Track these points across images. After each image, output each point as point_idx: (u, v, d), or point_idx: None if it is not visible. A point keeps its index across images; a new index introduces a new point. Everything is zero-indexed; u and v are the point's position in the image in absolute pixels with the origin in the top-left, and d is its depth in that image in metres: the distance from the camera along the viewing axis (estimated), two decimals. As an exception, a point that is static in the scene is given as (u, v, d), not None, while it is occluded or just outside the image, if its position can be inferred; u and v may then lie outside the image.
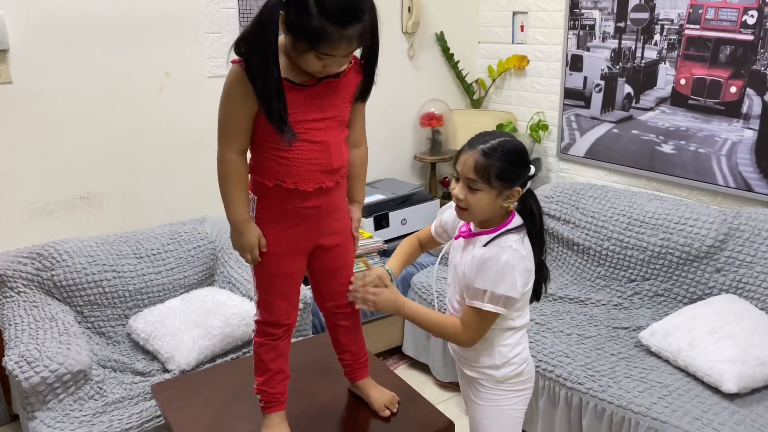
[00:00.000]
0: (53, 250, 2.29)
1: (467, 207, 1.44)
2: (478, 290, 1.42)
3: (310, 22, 1.23)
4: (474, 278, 1.43)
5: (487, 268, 1.41)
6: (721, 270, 2.36)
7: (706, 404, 1.89)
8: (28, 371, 1.87)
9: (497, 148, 1.39)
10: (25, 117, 2.37)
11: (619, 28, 2.85)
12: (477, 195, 1.41)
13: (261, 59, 1.28)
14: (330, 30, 1.24)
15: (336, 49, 1.27)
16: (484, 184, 1.40)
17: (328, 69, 1.33)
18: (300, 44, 1.27)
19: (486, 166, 1.38)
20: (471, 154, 1.40)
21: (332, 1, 1.23)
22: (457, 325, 1.50)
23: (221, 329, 2.16)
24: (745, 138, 2.51)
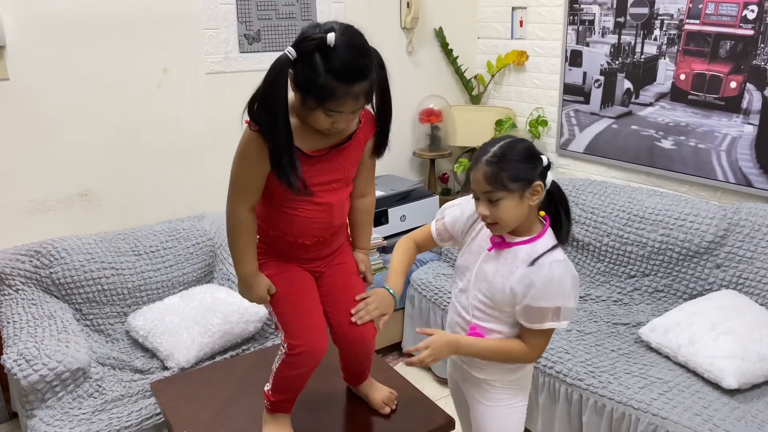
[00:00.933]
0: (51, 248, 2.28)
1: (495, 221, 1.40)
2: (543, 310, 1.40)
3: (317, 79, 1.25)
4: (531, 299, 1.39)
5: (555, 286, 1.38)
6: (721, 266, 2.35)
7: (706, 400, 1.89)
8: (26, 369, 1.86)
9: (500, 152, 1.37)
10: (22, 114, 2.36)
11: (619, 23, 2.84)
12: (500, 205, 1.38)
13: (271, 121, 1.30)
14: (336, 87, 1.26)
15: (342, 105, 1.29)
16: (501, 191, 1.37)
17: (336, 125, 1.34)
18: (308, 101, 1.30)
19: (495, 173, 1.36)
20: (478, 169, 1.38)
21: (338, 60, 1.25)
22: (522, 348, 1.47)
23: (220, 326, 2.16)
24: (745, 133, 2.50)
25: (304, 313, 1.49)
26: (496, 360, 1.51)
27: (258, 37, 2.81)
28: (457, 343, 1.50)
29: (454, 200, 1.64)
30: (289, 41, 2.88)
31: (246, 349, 2.22)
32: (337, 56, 1.25)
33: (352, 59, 1.27)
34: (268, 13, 2.81)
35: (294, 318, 1.48)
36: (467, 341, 1.50)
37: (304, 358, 1.48)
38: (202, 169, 2.79)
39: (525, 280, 1.40)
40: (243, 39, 2.78)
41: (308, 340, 1.47)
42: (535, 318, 1.42)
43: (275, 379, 1.53)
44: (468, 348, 1.50)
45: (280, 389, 1.54)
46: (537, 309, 1.40)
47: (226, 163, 1.66)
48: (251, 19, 2.78)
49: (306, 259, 1.52)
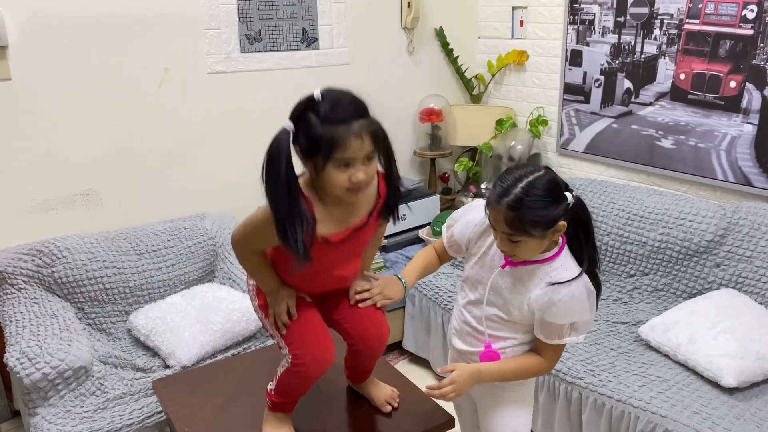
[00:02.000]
0: (53, 247, 2.29)
1: (516, 255, 1.39)
2: (561, 326, 1.41)
3: (316, 132, 1.26)
4: (550, 316, 1.40)
5: (568, 306, 1.39)
6: (720, 265, 2.36)
7: (705, 398, 1.90)
8: (29, 367, 1.87)
9: (522, 197, 1.31)
10: (24, 113, 2.37)
11: (619, 22, 2.85)
12: (520, 245, 1.36)
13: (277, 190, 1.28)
14: (335, 131, 1.26)
15: (349, 148, 1.27)
16: (522, 236, 1.34)
17: (355, 179, 1.30)
18: (317, 162, 1.29)
19: (518, 219, 1.31)
20: (499, 212, 1.33)
21: (331, 107, 1.26)
22: (539, 363, 1.49)
23: (222, 325, 2.17)
24: (744, 133, 2.51)
25: (308, 325, 1.50)
26: (517, 379, 1.53)
27: (259, 37, 2.82)
28: (479, 373, 1.50)
29: (458, 210, 1.62)
30: (290, 41, 2.90)
31: (247, 347, 2.22)
32: (327, 104, 1.27)
33: (341, 102, 1.28)
34: (269, 13, 2.82)
35: (298, 330, 1.48)
36: (488, 369, 1.50)
37: (310, 368, 1.48)
38: (203, 168, 2.80)
39: (544, 298, 1.40)
40: (244, 39, 2.78)
41: (314, 351, 1.48)
42: (554, 334, 1.43)
43: (278, 383, 1.54)
44: (489, 375, 1.50)
45: (282, 393, 1.55)
46: (556, 326, 1.41)
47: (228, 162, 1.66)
48: (252, 19, 2.79)
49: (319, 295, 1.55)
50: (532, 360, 1.50)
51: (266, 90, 2.86)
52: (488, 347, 1.52)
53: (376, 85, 3.23)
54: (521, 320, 1.48)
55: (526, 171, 1.36)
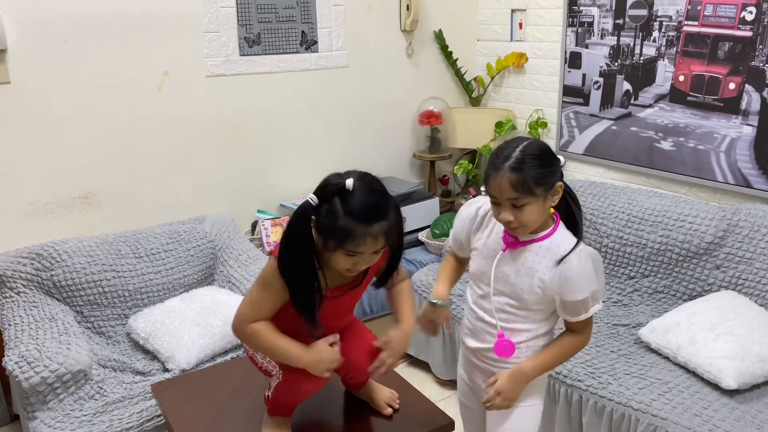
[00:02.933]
0: (53, 250, 2.29)
1: (521, 224, 1.40)
2: (583, 301, 1.42)
3: (336, 222, 1.30)
4: (569, 294, 1.42)
5: (588, 273, 1.41)
6: (720, 266, 2.36)
7: (705, 401, 1.90)
8: (28, 371, 1.87)
9: (522, 157, 1.36)
10: (23, 117, 2.37)
11: (618, 25, 2.85)
12: (526, 210, 1.38)
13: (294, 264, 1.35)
14: (354, 227, 1.30)
15: (361, 245, 1.32)
16: (528, 197, 1.36)
17: (357, 267, 1.37)
18: (329, 243, 1.34)
19: (522, 180, 1.35)
20: (501, 176, 1.36)
21: (358, 204, 1.30)
22: (575, 340, 1.50)
23: (221, 328, 2.16)
24: (744, 134, 2.51)
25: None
26: (559, 364, 1.54)
27: (258, 40, 2.82)
28: (521, 372, 1.49)
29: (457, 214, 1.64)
30: (289, 44, 2.90)
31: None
32: (355, 199, 1.31)
33: (369, 201, 1.32)
34: (268, 16, 2.82)
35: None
36: (529, 365, 1.50)
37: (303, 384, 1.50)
38: (203, 171, 2.80)
39: (557, 277, 1.41)
40: (243, 42, 2.79)
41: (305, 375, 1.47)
42: (579, 310, 1.44)
43: (273, 395, 1.55)
44: (533, 370, 1.50)
45: (278, 402, 1.56)
46: (578, 302, 1.42)
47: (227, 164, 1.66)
48: (251, 22, 2.79)
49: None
50: (568, 340, 1.51)
51: (265, 93, 2.86)
52: (501, 337, 1.51)
53: (375, 88, 3.23)
54: (534, 304, 1.47)
55: (518, 139, 1.41)
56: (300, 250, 1.35)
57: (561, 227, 1.47)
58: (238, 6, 2.74)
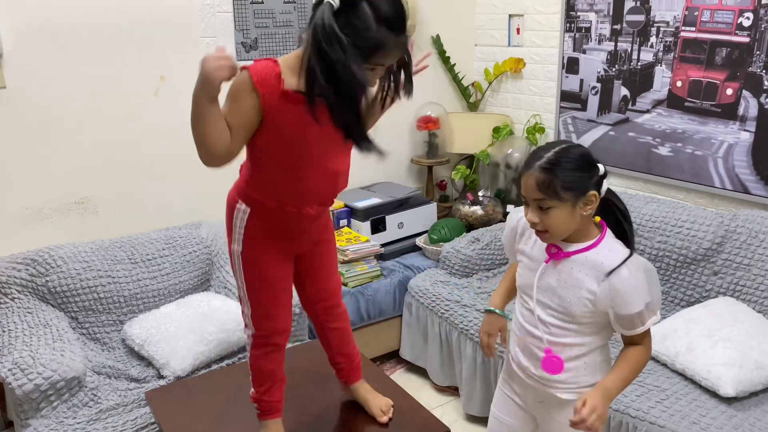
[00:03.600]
0: (47, 256, 2.28)
1: (545, 229, 1.35)
2: (639, 314, 1.34)
3: (368, 32, 1.19)
4: (623, 308, 1.33)
5: (635, 294, 1.32)
6: (718, 273, 2.35)
7: (703, 408, 1.89)
8: (21, 378, 1.85)
9: (555, 159, 1.31)
10: (19, 122, 2.36)
11: (615, 30, 2.85)
12: (551, 213, 1.32)
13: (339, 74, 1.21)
14: (388, 38, 1.21)
15: (389, 57, 1.25)
16: (553, 200, 1.31)
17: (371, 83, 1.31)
18: (351, 54, 1.21)
19: (549, 181, 1.30)
20: (530, 174, 1.32)
21: (390, 11, 1.20)
22: (642, 352, 1.40)
23: (216, 335, 2.15)
24: (741, 140, 2.50)
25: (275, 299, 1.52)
26: (635, 377, 1.43)
27: (255, 45, 2.82)
28: (607, 390, 1.35)
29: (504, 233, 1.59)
30: (287, 49, 2.90)
31: (242, 357, 2.21)
32: (387, 4, 1.19)
33: (399, 7, 1.22)
34: (265, 21, 2.82)
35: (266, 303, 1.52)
36: (611, 382, 1.37)
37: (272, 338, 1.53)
38: (199, 176, 2.78)
39: (607, 291, 1.34)
40: (240, 47, 2.78)
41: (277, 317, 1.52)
42: (635, 323, 1.36)
43: (253, 373, 1.58)
44: (615, 385, 1.37)
45: (257, 380, 1.57)
46: (633, 315, 1.34)
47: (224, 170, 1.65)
48: (248, 27, 2.79)
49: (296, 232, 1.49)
50: (635, 352, 1.40)
51: (262, 98, 2.85)
52: (548, 352, 1.43)
53: (372, 93, 3.22)
54: (584, 318, 1.39)
55: (561, 142, 1.37)
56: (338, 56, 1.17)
57: (608, 237, 1.39)
58: (235, 11, 2.73)
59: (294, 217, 1.44)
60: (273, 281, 1.51)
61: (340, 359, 1.71)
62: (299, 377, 1.86)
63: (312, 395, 1.81)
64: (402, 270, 2.89)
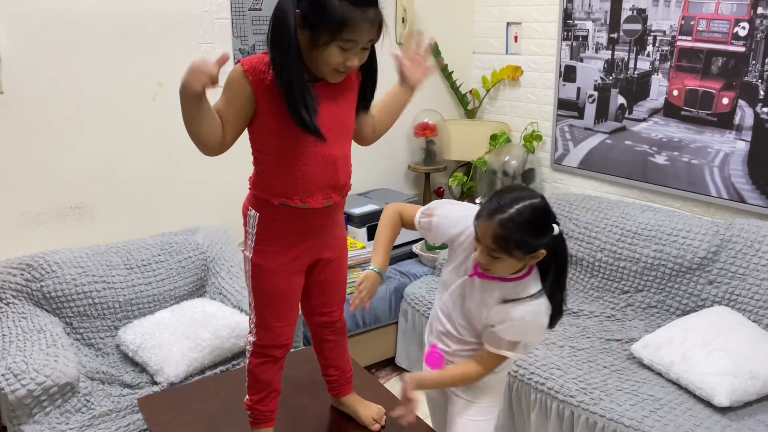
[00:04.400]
0: (43, 261, 2.28)
1: (491, 272, 1.43)
2: (512, 342, 1.45)
3: (331, 8, 1.21)
4: (500, 329, 1.45)
5: (528, 324, 1.44)
6: (713, 282, 2.35)
7: (697, 418, 1.88)
8: (14, 384, 1.85)
9: (515, 217, 1.33)
10: (16, 127, 2.36)
11: (612, 39, 2.86)
12: (498, 262, 1.39)
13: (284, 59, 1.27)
14: (352, 12, 1.23)
15: (359, 32, 1.26)
16: (504, 254, 1.37)
17: (349, 63, 1.31)
18: (321, 37, 1.26)
19: (505, 239, 1.34)
20: (489, 226, 1.35)
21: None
22: (474, 370, 1.52)
23: (210, 341, 2.15)
24: (737, 149, 2.51)
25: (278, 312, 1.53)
26: (456, 386, 1.59)
27: (253, 51, 2.82)
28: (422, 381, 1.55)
29: (454, 207, 1.58)
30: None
31: (236, 364, 2.20)
32: None
33: None
34: (263, 28, 2.83)
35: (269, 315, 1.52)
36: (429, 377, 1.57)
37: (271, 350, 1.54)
38: (196, 182, 2.79)
39: (501, 313, 1.45)
40: (238, 53, 2.79)
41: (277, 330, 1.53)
42: (494, 344, 1.47)
43: (249, 380, 1.58)
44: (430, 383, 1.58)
45: (253, 388, 1.57)
46: (503, 340, 1.45)
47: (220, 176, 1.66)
48: (246, 34, 2.80)
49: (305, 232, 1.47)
50: (468, 366, 1.53)
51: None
52: (433, 347, 1.59)
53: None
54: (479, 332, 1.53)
55: (524, 194, 1.38)
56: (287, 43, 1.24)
57: (533, 276, 1.46)
58: (233, 17, 2.74)
59: (301, 213, 1.43)
60: (278, 294, 1.50)
61: (334, 372, 1.71)
62: (293, 384, 1.86)
63: (305, 403, 1.80)
64: (398, 277, 2.89)
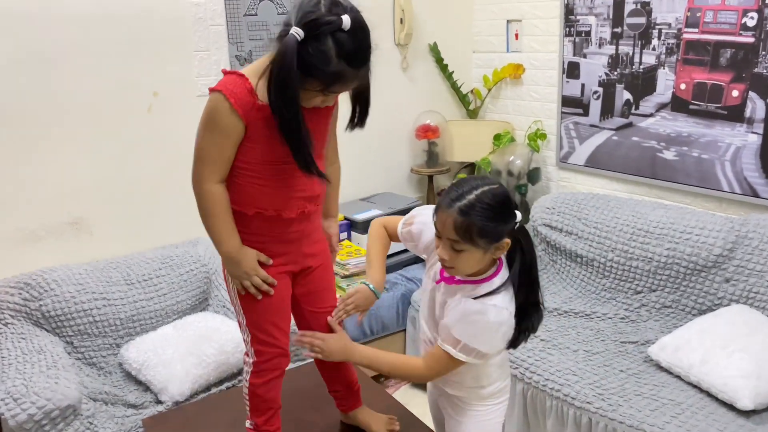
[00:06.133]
0: (41, 279, 2.22)
1: (454, 267, 1.35)
2: (455, 339, 1.35)
3: (328, 66, 1.21)
4: (454, 325, 1.36)
5: (471, 323, 1.34)
6: (730, 280, 2.28)
7: (721, 422, 1.82)
8: (14, 408, 1.79)
9: (475, 203, 1.28)
10: (10, 141, 2.31)
11: (616, 33, 2.80)
12: (462, 255, 1.32)
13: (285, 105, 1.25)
14: (347, 72, 1.23)
15: (347, 86, 1.29)
16: (467, 244, 1.30)
17: (326, 102, 1.34)
18: (312, 84, 1.25)
19: (466, 226, 1.28)
20: (449, 214, 1.29)
21: (351, 44, 1.22)
22: (418, 365, 1.45)
23: (215, 357, 2.09)
24: (749, 142, 2.45)
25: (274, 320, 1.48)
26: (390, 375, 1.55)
27: (250, 58, 2.77)
28: (353, 349, 1.49)
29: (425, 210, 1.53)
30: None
31: (242, 379, 2.14)
32: (350, 40, 1.21)
33: (364, 43, 1.25)
34: (259, 34, 2.77)
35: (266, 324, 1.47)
36: (362, 350, 1.50)
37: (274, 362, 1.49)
38: (195, 193, 2.73)
39: (458, 306, 1.36)
40: (234, 60, 2.73)
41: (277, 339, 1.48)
42: (445, 337, 1.38)
43: (252, 403, 1.53)
44: (360, 356, 1.49)
45: (257, 410, 1.53)
46: (450, 333, 1.36)
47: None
48: (242, 40, 2.74)
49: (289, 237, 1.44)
50: (412, 362, 1.48)
51: (258, 111, 2.80)
52: None
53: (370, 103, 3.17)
54: None
55: (483, 181, 1.33)
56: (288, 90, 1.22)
57: (499, 278, 1.38)
58: (229, 24, 2.69)
59: (277, 222, 1.41)
60: (269, 298, 1.46)
61: (339, 387, 1.65)
62: (300, 400, 1.80)
63: (312, 419, 1.75)
64: (404, 283, 2.83)
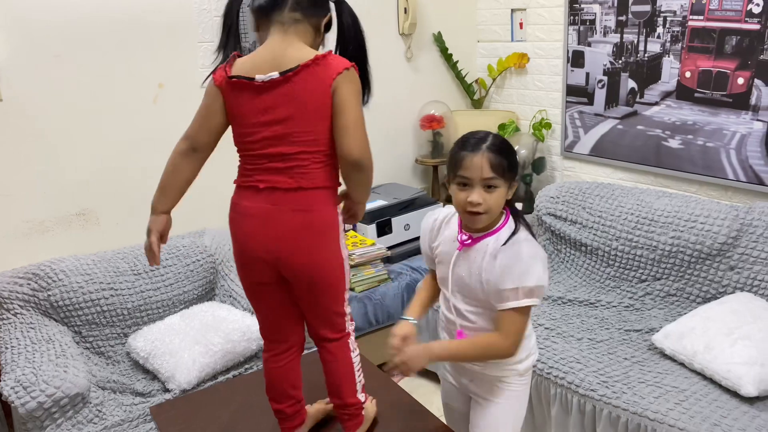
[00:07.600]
0: (49, 270, 2.25)
1: (487, 210, 1.40)
2: (511, 290, 1.38)
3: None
4: (502, 279, 1.39)
5: (514, 265, 1.38)
6: (734, 267, 2.28)
7: (724, 409, 1.83)
8: (24, 396, 1.82)
9: (498, 142, 1.40)
10: (17, 134, 2.33)
11: (621, 21, 2.79)
12: (495, 194, 1.39)
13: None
14: None
15: None
16: (501, 180, 1.39)
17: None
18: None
19: (500, 162, 1.37)
20: (482, 156, 1.37)
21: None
22: (496, 339, 1.43)
23: (222, 345, 2.11)
24: (754, 130, 2.44)
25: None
26: (475, 359, 1.51)
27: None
28: (432, 349, 1.46)
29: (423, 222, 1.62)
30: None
31: (249, 368, 2.16)
32: None
33: None
34: (263, 24, 2.77)
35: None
36: (440, 346, 1.48)
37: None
38: (201, 183, 2.73)
39: (493, 263, 1.40)
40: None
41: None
42: (501, 298, 1.40)
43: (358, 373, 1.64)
44: (443, 352, 1.48)
45: None
46: (503, 290, 1.39)
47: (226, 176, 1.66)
48: (247, 31, 2.74)
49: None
50: (487, 337, 1.46)
51: (263, 102, 2.81)
52: (459, 335, 1.51)
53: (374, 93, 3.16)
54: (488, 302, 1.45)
55: (484, 131, 1.44)
56: None
57: (510, 224, 1.46)
58: (233, 15, 2.69)
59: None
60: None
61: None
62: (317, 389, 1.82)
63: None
64: (409, 273, 2.84)
